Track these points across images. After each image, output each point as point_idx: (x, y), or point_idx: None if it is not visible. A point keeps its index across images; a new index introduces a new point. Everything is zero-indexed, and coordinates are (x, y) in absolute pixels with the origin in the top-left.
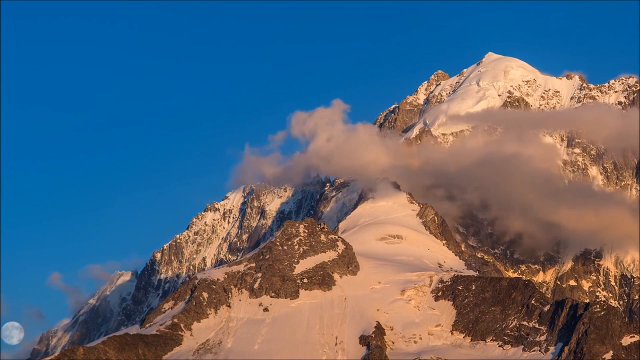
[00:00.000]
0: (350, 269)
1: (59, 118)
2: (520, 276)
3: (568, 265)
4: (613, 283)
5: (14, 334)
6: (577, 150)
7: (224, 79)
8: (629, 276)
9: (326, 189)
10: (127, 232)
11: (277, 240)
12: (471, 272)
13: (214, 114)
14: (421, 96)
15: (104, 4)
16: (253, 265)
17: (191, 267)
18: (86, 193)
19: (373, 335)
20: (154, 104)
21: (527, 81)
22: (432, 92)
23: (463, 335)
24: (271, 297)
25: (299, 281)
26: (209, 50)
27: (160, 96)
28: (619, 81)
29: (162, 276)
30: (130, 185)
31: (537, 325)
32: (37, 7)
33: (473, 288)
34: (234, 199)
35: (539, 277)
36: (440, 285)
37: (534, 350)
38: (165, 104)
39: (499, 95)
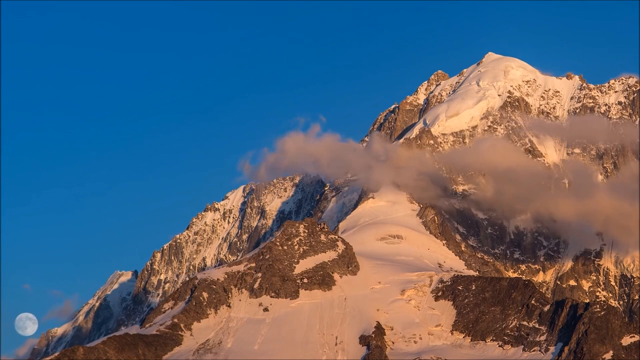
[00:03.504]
0: (350, 269)
1: (59, 118)
2: (520, 276)
3: (568, 265)
4: (613, 283)
5: (28, 324)
6: (577, 150)
7: (226, 79)
8: (629, 276)
9: (326, 189)
10: (127, 232)
11: (277, 240)
12: (471, 272)
13: (214, 114)
14: (421, 96)
15: (102, 4)
16: (253, 265)
17: (191, 267)
18: (86, 192)
19: (373, 335)
20: (155, 104)
21: (527, 81)
22: (432, 92)
23: (463, 335)
24: (271, 297)
25: (299, 281)
26: (210, 51)
27: (160, 96)
28: (619, 81)
29: (162, 276)
30: (130, 185)
31: (537, 325)
32: (37, 7)
33: (473, 288)
34: (234, 199)
35: (539, 277)
36: (440, 285)
37: (534, 350)
38: (166, 104)
39: (499, 95)
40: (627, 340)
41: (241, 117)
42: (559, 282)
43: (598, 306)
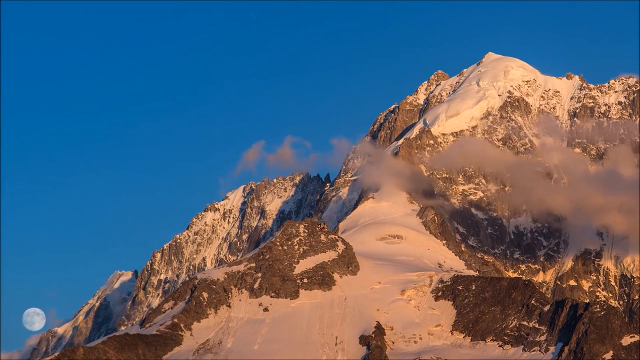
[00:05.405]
0: (350, 269)
1: (60, 119)
2: (520, 276)
3: (568, 265)
4: (613, 283)
5: (35, 320)
6: (577, 150)
7: (226, 79)
8: (629, 276)
9: (326, 188)
10: (127, 232)
11: (277, 240)
12: (471, 272)
13: (214, 114)
14: (421, 96)
15: (103, 3)
16: (253, 265)
17: (191, 267)
18: (86, 192)
19: (373, 335)
20: (155, 104)
21: (527, 81)
22: (432, 92)
23: (463, 335)
24: (271, 297)
25: (299, 281)
26: (210, 51)
27: (160, 96)
28: (619, 81)
29: (162, 276)
30: (130, 185)
31: (537, 325)
32: (37, 7)
33: (473, 288)
34: (234, 199)
35: (539, 277)
36: (440, 285)
37: (534, 350)
38: (166, 104)
39: (499, 95)
40: (627, 340)
41: (242, 117)
42: (559, 282)
43: (598, 306)
